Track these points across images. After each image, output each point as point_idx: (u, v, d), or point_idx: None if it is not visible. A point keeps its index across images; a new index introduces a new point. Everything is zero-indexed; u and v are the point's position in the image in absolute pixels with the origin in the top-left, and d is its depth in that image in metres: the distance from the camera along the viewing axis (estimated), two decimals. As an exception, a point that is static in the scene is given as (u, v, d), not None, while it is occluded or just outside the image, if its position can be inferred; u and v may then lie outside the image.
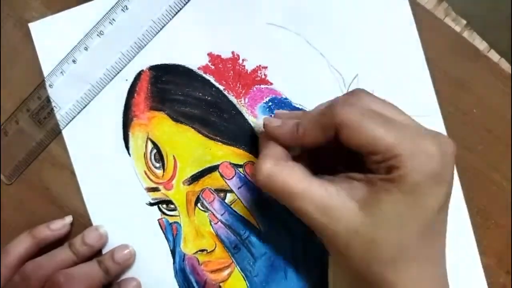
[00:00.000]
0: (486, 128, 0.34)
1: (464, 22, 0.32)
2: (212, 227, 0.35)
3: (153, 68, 0.36)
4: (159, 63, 0.35)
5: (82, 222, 0.37)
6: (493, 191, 0.35)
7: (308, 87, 0.34)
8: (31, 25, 0.36)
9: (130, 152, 0.36)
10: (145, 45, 0.35)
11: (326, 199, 0.26)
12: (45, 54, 0.36)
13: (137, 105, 0.36)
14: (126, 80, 0.36)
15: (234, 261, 0.35)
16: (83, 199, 0.37)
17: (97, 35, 0.35)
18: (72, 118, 0.36)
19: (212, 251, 0.36)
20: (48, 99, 0.36)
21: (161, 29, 0.35)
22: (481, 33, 0.33)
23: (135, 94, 0.36)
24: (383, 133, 0.25)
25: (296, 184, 0.27)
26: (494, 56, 0.33)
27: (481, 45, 0.33)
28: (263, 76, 0.35)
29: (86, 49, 0.36)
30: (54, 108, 0.36)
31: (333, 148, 0.28)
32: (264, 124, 0.30)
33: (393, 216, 0.25)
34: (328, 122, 0.26)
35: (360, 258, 0.26)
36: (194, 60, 0.35)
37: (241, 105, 0.35)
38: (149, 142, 0.36)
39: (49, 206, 0.37)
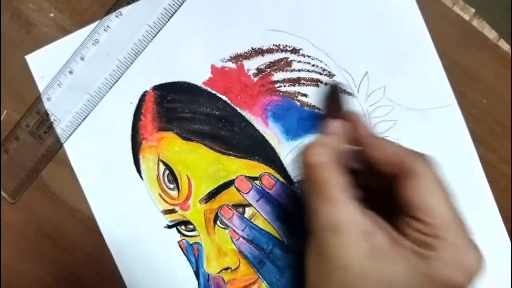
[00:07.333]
0: (495, 119, 0.33)
1: (473, 10, 0.32)
2: (234, 244, 0.34)
3: (156, 87, 0.34)
4: (162, 82, 0.34)
5: (80, 218, 0.36)
6: (502, 185, 0.33)
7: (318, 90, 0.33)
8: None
9: (142, 175, 0.35)
10: (142, 51, 0.34)
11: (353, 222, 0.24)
12: (40, 67, 0.35)
13: (144, 128, 0.35)
14: (131, 103, 0.35)
15: (260, 276, 0.34)
16: (81, 197, 0.36)
17: (93, 43, 0.34)
18: (73, 131, 0.35)
19: (237, 268, 0.35)
20: (47, 113, 0.35)
21: (157, 33, 0.34)
22: (490, 22, 0.32)
23: (142, 117, 0.35)
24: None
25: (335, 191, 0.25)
26: (504, 45, 0.32)
27: (490, 34, 0.32)
28: (270, 84, 0.34)
29: (82, 59, 0.34)
30: (54, 122, 0.35)
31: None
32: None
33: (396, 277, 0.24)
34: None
35: None
36: (198, 75, 0.34)
37: (251, 115, 0.34)
38: (160, 164, 0.35)
39: (49, 203, 0.36)
